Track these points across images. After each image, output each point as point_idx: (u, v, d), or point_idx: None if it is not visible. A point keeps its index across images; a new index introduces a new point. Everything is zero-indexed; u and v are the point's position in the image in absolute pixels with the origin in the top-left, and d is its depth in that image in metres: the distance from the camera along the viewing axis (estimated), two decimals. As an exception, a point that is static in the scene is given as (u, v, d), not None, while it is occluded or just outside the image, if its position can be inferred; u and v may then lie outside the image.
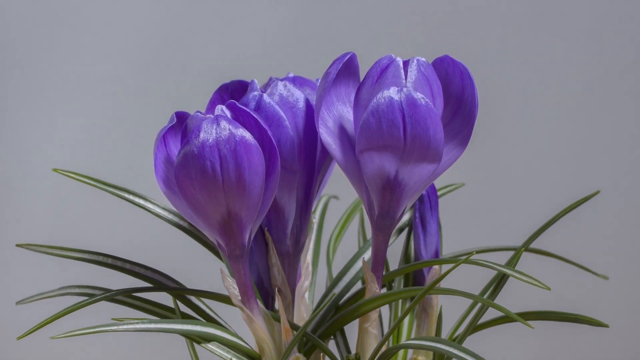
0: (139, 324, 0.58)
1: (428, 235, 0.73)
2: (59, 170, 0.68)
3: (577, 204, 0.72)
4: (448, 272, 0.58)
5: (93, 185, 0.69)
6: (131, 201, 0.69)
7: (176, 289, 0.68)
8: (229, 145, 0.59)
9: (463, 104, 0.63)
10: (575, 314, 0.67)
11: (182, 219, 0.72)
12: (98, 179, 0.69)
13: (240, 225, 0.62)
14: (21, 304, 0.70)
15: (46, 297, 0.68)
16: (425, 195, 0.73)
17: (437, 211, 0.74)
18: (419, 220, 0.73)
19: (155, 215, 0.71)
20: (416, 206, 0.73)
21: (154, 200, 0.71)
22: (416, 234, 0.73)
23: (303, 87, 0.69)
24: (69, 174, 0.68)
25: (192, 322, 0.62)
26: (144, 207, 0.70)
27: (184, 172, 0.59)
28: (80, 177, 0.69)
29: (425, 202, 0.73)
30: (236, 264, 0.64)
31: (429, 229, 0.73)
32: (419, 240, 0.73)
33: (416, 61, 0.61)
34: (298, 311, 0.70)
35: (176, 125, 0.63)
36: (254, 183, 0.60)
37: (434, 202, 0.73)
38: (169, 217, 0.72)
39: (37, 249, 0.69)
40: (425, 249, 0.73)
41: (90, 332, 0.56)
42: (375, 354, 0.64)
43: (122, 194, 0.70)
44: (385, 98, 0.59)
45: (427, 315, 0.74)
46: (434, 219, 0.73)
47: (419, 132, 0.60)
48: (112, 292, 0.65)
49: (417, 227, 0.73)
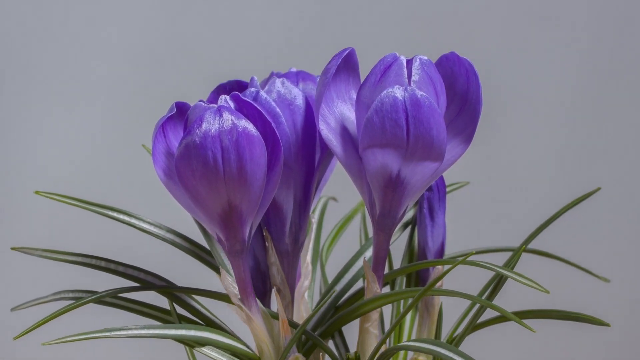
0: (132, 329, 0.58)
1: (436, 227, 0.72)
2: (41, 193, 0.68)
3: (578, 201, 0.71)
4: (444, 274, 0.57)
5: (76, 205, 0.69)
6: (115, 218, 0.69)
7: (164, 287, 0.68)
8: (231, 137, 0.58)
9: (468, 102, 0.63)
10: (576, 312, 0.66)
11: (171, 232, 0.71)
12: (80, 198, 0.69)
13: (241, 218, 0.61)
14: (16, 310, 0.70)
15: (41, 302, 0.68)
16: (434, 185, 0.72)
17: (444, 203, 0.73)
18: (427, 210, 0.72)
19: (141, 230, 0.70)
20: (425, 196, 0.72)
21: (138, 215, 0.71)
22: (423, 225, 0.73)
23: (306, 81, 0.68)
24: (51, 195, 0.68)
25: (186, 327, 0.62)
26: (129, 223, 0.70)
27: (185, 162, 0.58)
28: (62, 198, 0.68)
29: (435, 192, 0.72)
30: (236, 259, 0.63)
31: (437, 220, 0.72)
32: (427, 230, 0.72)
33: (419, 60, 0.61)
34: (298, 311, 0.70)
35: (176, 115, 0.63)
36: (255, 175, 0.60)
37: (442, 193, 0.73)
38: (155, 231, 0.71)
39: (32, 252, 0.69)
40: (432, 240, 0.73)
41: (82, 338, 0.55)
42: (375, 353, 0.63)
43: (105, 212, 0.69)
44: (389, 97, 0.59)
45: (429, 315, 0.73)
46: (441, 210, 0.73)
47: (422, 132, 0.59)
48: (99, 294, 0.64)
49: (424, 218, 0.72)
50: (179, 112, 0.63)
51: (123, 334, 0.57)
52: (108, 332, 0.56)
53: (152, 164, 0.61)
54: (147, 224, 0.70)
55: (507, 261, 0.66)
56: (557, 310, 0.68)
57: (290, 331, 0.65)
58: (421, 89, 0.60)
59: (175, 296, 0.69)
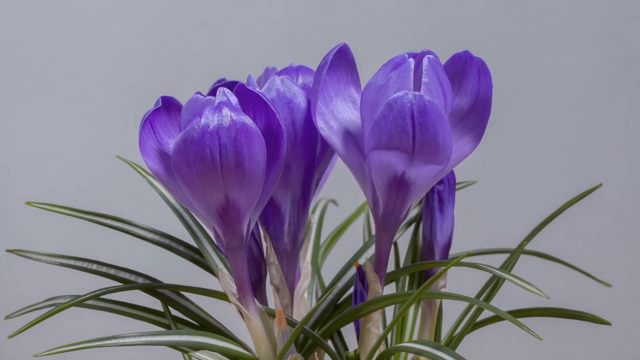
0: (125, 338, 0.57)
1: (445, 220, 0.72)
2: (33, 204, 0.68)
3: (579, 198, 0.71)
4: (439, 275, 0.57)
5: (69, 214, 0.69)
6: (110, 225, 0.69)
7: (148, 285, 0.67)
8: (229, 134, 0.57)
9: (478, 100, 0.63)
10: (578, 311, 0.67)
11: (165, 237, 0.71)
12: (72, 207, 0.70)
13: (239, 214, 0.61)
14: (10, 318, 0.70)
15: (34, 309, 0.68)
16: (445, 178, 0.72)
17: (454, 196, 0.72)
18: (437, 203, 0.72)
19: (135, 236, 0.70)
20: (435, 189, 0.72)
21: (133, 222, 0.71)
22: (433, 217, 0.72)
23: (307, 77, 0.68)
24: (44, 206, 0.68)
25: (179, 332, 0.61)
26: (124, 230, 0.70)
27: (182, 157, 0.58)
28: (55, 207, 0.68)
29: (445, 185, 0.72)
30: (234, 256, 0.62)
31: (447, 213, 0.72)
32: (436, 224, 0.72)
33: (428, 60, 0.60)
34: (297, 311, 0.69)
35: (163, 109, 0.63)
36: (254, 172, 0.59)
37: (452, 187, 0.72)
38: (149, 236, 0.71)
39: (26, 254, 0.69)
40: (441, 233, 0.72)
41: (74, 349, 0.55)
42: (374, 351, 0.63)
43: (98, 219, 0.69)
44: (397, 103, 0.58)
45: (431, 313, 0.73)
46: (451, 203, 0.72)
47: (428, 139, 0.59)
48: (82, 297, 0.64)
49: (434, 211, 0.72)
50: (166, 106, 0.63)
51: (115, 343, 0.57)
52: (100, 342, 0.56)
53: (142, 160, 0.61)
54: (141, 229, 0.70)
55: (505, 262, 0.66)
56: (558, 308, 0.68)
57: (286, 324, 0.64)
58: (430, 91, 0.60)
59: (169, 298, 0.68)
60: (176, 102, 0.63)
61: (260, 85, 0.69)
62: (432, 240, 0.72)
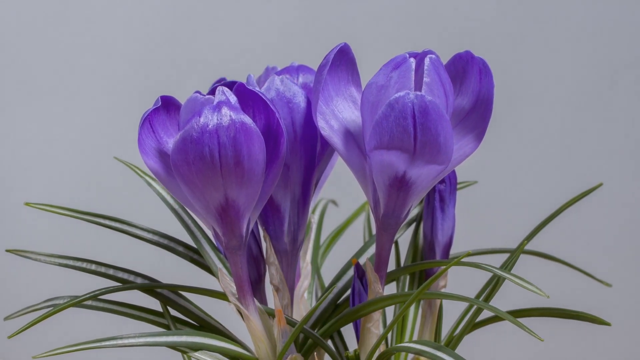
0: (123, 339, 0.57)
1: (446, 219, 0.72)
2: (31, 204, 0.68)
3: (579, 197, 0.71)
4: (439, 275, 0.57)
5: (68, 215, 0.68)
6: (109, 226, 0.69)
7: (146, 285, 0.67)
8: (228, 133, 0.57)
9: (480, 100, 0.63)
10: (577, 311, 0.66)
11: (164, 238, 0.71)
12: (71, 208, 0.69)
13: (238, 213, 0.61)
14: (9, 319, 0.70)
15: (33, 310, 0.68)
16: (446, 177, 0.72)
17: (455, 195, 0.72)
18: (438, 202, 0.72)
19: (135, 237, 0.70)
20: (436, 188, 0.72)
21: (132, 222, 0.70)
22: (434, 217, 0.72)
23: (307, 76, 0.68)
24: (43, 206, 0.68)
25: (178, 333, 0.61)
26: (123, 230, 0.69)
27: (181, 155, 0.58)
28: (54, 208, 0.68)
29: (447, 185, 0.72)
30: (233, 256, 0.62)
31: (448, 212, 0.72)
32: (437, 223, 0.72)
33: (430, 60, 0.60)
34: (297, 310, 0.69)
35: (162, 109, 0.63)
36: (253, 171, 0.59)
37: (453, 186, 0.72)
38: (148, 236, 0.71)
39: (26, 254, 0.69)
40: (442, 232, 0.72)
41: (72, 350, 0.55)
42: (374, 351, 0.63)
43: (97, 220, 0.69)
44: (399, 103, 0.58)
45: (432, 313, 0.73)
46: (452, 203, 0.72)
47: (430, 139, 0.59)
48: (80, 298, 0.64)
49: (435, 210, 0.72)
50: (165, 105, 0.63)
51: (114, 344, 0.56)
52: (99, 343, 0.56)
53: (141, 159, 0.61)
54: (140, 229, 0.70)
55: (505, 261, 0.66)
56: (558, 308, 0.68)
57: (286, 324, 0.64)
58: (432, 91, 0.59)
59: (168, 298, 0.68)
60: (175, 101, 0.63)
61: (261, 84, 0.69)
62: (433, 240, 0.72)
